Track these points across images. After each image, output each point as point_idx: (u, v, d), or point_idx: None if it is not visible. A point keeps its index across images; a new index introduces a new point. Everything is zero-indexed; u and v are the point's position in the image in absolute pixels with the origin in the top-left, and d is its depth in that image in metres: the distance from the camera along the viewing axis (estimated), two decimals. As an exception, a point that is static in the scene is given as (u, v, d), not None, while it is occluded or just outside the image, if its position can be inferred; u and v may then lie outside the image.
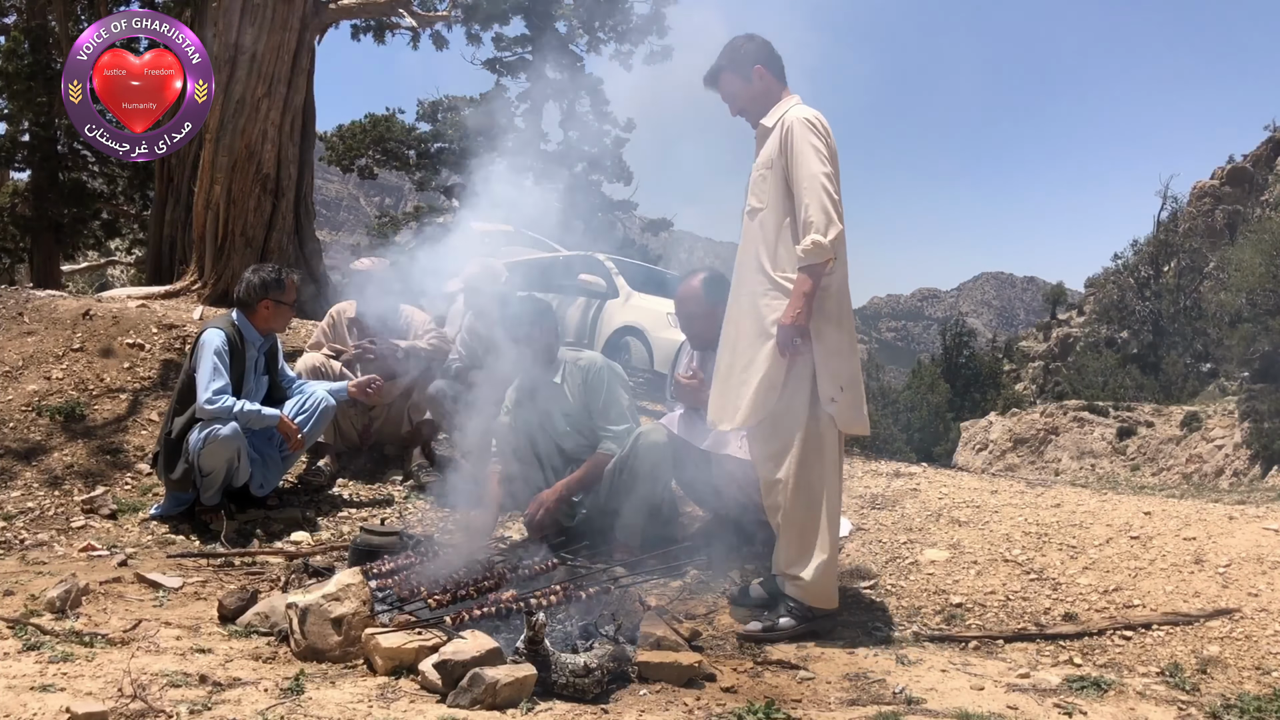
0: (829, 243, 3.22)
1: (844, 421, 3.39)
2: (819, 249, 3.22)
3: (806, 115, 3.39)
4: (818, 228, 3.23)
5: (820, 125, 3.37)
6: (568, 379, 4.39)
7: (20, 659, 2.76)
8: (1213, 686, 2.99)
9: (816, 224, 3.24)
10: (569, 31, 24.05)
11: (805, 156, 3.31)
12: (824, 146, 3.33)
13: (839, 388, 3.36)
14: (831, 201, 3.26)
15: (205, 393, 4.56)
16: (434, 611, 3.07)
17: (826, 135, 3.36)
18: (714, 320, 4.26)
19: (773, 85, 3.55)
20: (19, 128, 20.60)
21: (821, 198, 3.25)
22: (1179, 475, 21.24)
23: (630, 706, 2.64)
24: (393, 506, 5.22)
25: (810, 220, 3.25)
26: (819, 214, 3.24)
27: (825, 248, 3.22)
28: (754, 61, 3.53)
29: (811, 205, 3.26)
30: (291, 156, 9.85)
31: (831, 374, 3.36)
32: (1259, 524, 3.97)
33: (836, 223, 3.25)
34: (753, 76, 3.54)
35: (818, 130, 3.35)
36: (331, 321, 5.85)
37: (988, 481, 5.18)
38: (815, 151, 3.31)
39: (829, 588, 3.39)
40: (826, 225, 3.23)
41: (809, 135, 3.33)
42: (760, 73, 3.53)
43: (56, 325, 6.70)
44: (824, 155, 3.31)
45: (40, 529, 4.62)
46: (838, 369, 3.37)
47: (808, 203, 3.27)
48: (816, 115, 3.40)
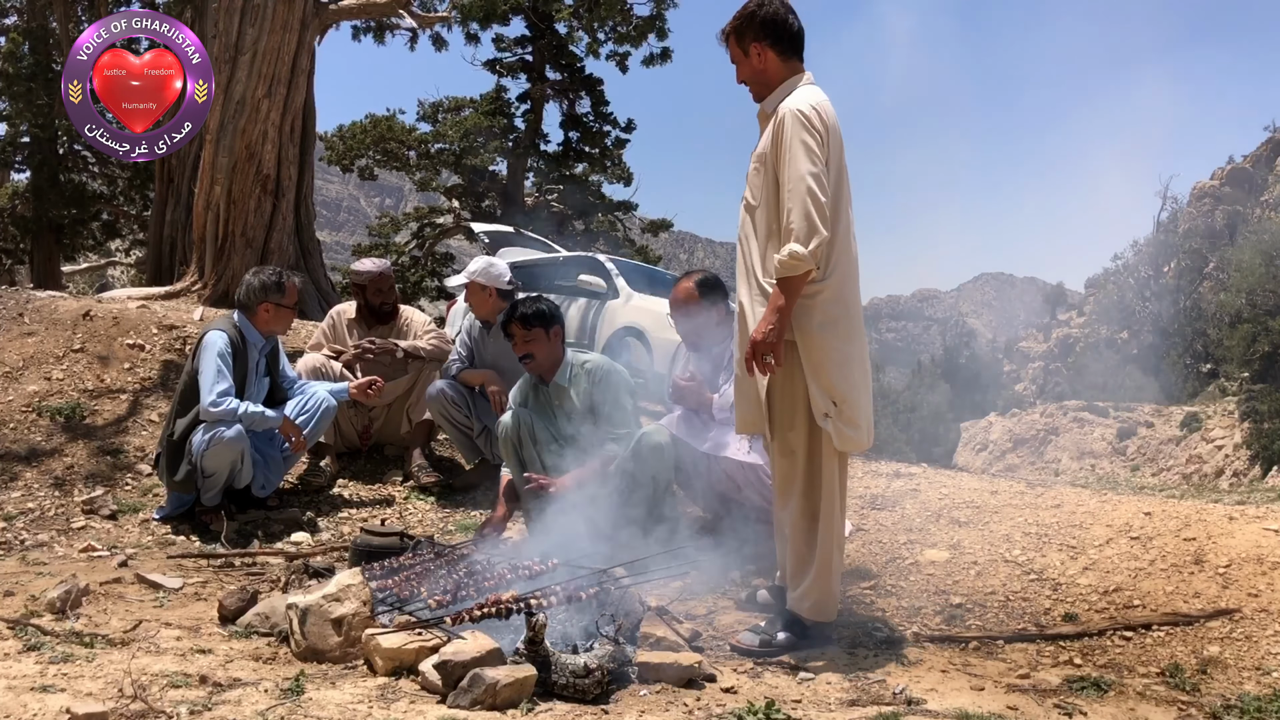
0: (809, 253, 2.96)
1: (840, 439, 3.14)
2: (795, 261, 2.97)
3: (801, 107, 3.09)
4: (798, 236, 2.97)
5: (817, 118, 3.08)
6: (574, 381, 4.40)
7: (21, 659, 2.76)
8: (1213, 687, 2.99)
9: (797, 232, 2.98)
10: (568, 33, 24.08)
11: (794, 155, 3.03)
12: (815, 144, 3.04)
13: (832, 403, 3.12)
14: (817, 206, 2.99)
15: (209, 395, 4.56)
16: (434, 612, 3.08)
17: (824, 129, 3.08)
18: (708, 322, 4.27)
19: (774, 66, 3.24)
20: (19, 129, 20.62)
21: (806, 202, 2.98)
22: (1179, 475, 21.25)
23: (630, 707, 2.64)
24: (393, 507, 5.22)
25: (790, 227, 2.99)
26: (800, 221, 2.98)
27: (804, 258, 2.96)
28: (757, 37, 3.22)
29: (794, 210, 3.00)
30: (292, 157, 9.87)
31: (822, 389, 3.12)
32: (1259, 524, 3.97)
33: (820, 230, 2.98)
34: (751, 53, 3.24)
35: (811, 125, 3.06)
36: (332, 322, 5.85)
37: (988, 482, 5.18)
38: (805, 149, 3.03)
39: (826, 602, 3.27)
40: (808, 234, 2.97)
41: (800, 130, 3.05)
42: (760, 50, 3.22)
43: (57, 326, 6.71)
44: (815, 154, 3.03)
45: (41, 530, 4.62)
46: (831, 383, 3.12)
47: (790, 207, 3.01)
48: (814, 105, 3.11)
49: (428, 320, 5.90)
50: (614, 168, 25.33)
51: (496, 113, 24.55)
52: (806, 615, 3.27)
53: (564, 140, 25.50)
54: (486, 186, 24.99)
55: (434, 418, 5.39)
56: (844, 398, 3.13)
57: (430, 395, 5.24)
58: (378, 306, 5.73)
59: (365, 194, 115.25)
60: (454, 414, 5.20)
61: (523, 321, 4.33)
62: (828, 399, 3.12)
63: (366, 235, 30.05)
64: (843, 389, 3.14)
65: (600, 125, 25.34)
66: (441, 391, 5.19)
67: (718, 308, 4.28)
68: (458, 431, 5.28)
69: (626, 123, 25.28)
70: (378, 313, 5.75)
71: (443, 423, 5.30)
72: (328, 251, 16.04)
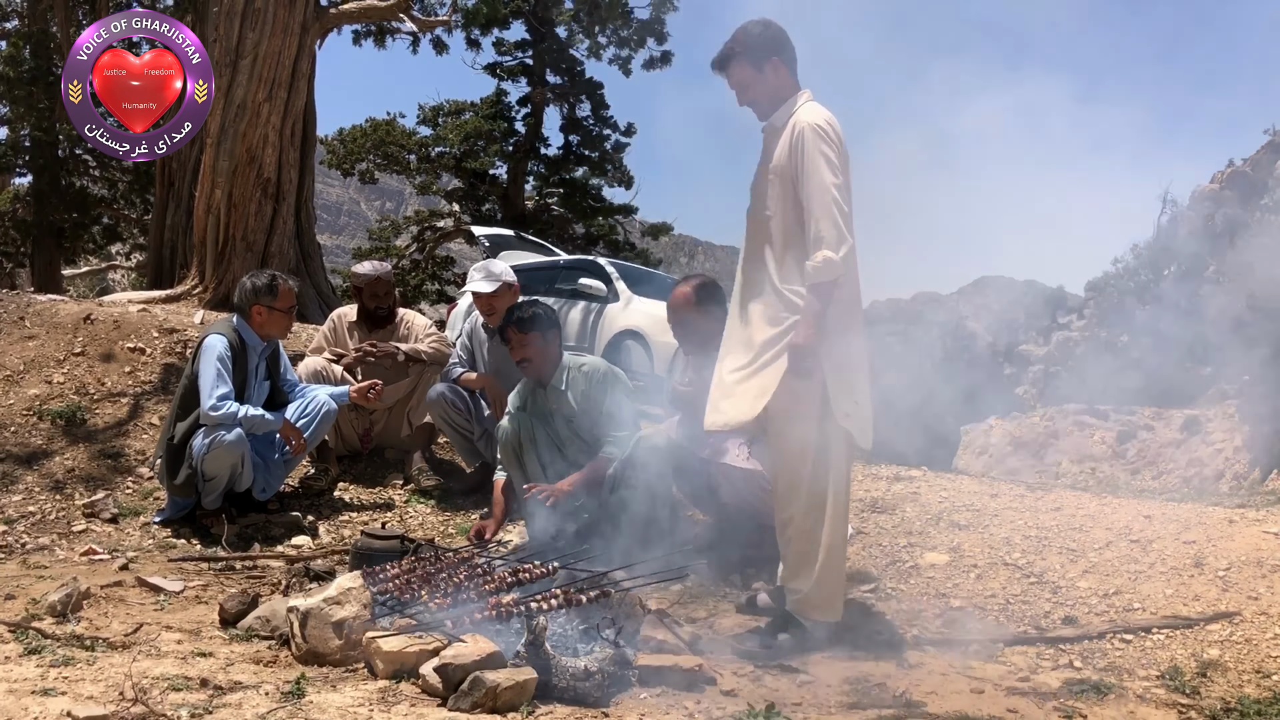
0: (840, 259, 3.08)
1: (861, 436, 3.27)
2: (829, 265, 3.09)
3: (818, 121, 3.21)
4: (829, 243, 3.09)
5: (833, 131, 3.21)
6: (571, 384, 4.40)
7: (21, 663, 2.76)
8: (1213, 689, 3.00)
9: (828, 239, 3.09)
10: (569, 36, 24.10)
11: (816, 166, 3.15)
12: (835, 155, 3.17)
13: (854, 401, 3.24)
14: (843, 215, 3.12)
15: (209, 399, 4.56)
16: (435, 615, 3.08)
17: (838, 142, 3.21)
18: (706, 326, 4.27)
19: (786, 80, 3.35)
20: (20, 133, 20.64)
21: (833, 211, 3.10)
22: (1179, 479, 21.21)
23: (631, 710, 2.64)
24: (393, 510, 5.22)
25: (821, 235, 3.10)
26: (830, 229, 3.10)
27: (836, 265, 3.08)
28: (770, 53, 3.32)
29: (823, 219, 3.11)
30: (292, 161, 9.88)
31: (846, 388, 3.23)
32: (1259, 528, 3.97)
33: (848, 238, 3.11)
34: (766, 69, 3.33)
35: (829, 138, 3.18)
36: (333, 326, 5.85)
37: (988, 485, 5.18)
38: (827, 161, 3.15)
39: (832, 599, 3.30)
40: (838, 241, 3.09)
41: (820, 143, 3.17)
42: (775, 65, 3.33)
43: (58, 329, 6.71)
44: (835, 165, 3.16)
45: (41, 533, 4.62)
46: (851, 383, 3.25)
47: (818, 216, 3.12)
48: (829, 119, 3.24)
49: (428, 323, 5.90)
50: (614, 171, 25.34)
51: (497, 116, 24.55)
52: (813, 616, 3.30)
53: (564, 144, 25.52)
54: (487, 190, 25.00)
55: (434, 421, 5.39)
56: (864, 394, 3.28)
57: (430, 399, 5.25)
58: (377, 309, 5.73)
59: (366, 197, 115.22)
60: (454, 417, 5.20)
61: (519, 326, 4.35)
62: (850, 398, 3.24)
63: (367, 239, 30.03)
64: (860, 387, 3.28)
65: (600, 129, 25.34)
66: (442, 395, 5.19)
67: (716, 313, 4.29)
68: (458, 435, 5.28)
69: (626, 126, 25.30)
70: (378, 316, 5.75)
71: (443, 426, 5.30)
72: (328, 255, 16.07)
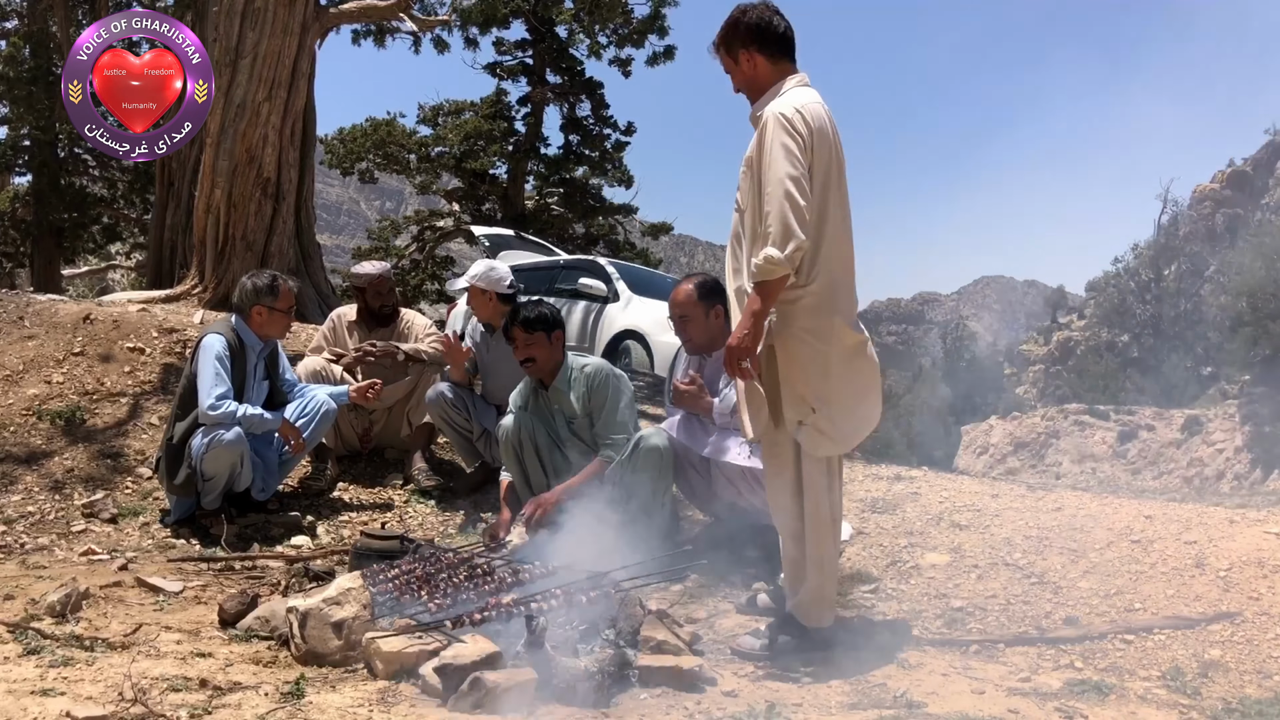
0: (785, 257, 2.90)
1: (810, 445, 3.09)
2: (770, 266, 2.91)
3: (783, 110, 3.02)
4: (774, 240, 2.91)
5: (799, 119, 3.00)
6: (573, 385, 4.40)
7: (21, 663, 2.76)
8: (1214, 690, 2.99)
9: (774, 236, 2.91)
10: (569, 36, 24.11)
11: (774, 158, 2.97)
12: (797, 146, 2.97)
13: (810, 409, 3.07)
14: (795, 211, 2.92)
15: (208, 398, 4.55)
16: (434, 615, 3.07)
17: (806, 131, 3.00)
18: (707, 325, 4.27)
19: (764, 70, 3.19)
20: (20, 132, 20.66)
21: (784, 206, 2.92)
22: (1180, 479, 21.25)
23: (631, 710, 2.63)
24: (393, 510, 5.21)
25: (768, 231, 2.94)
26: (778, 224, 2.91)
27: (779, 263, 2.90)
28: (743, 44, 3.18)
29: (772, 214, 2.94)
30: (292, 160, 9.87)
31: (795, 395, 3.08)
32: (1260, 528, 3.96)
33: (797, 235, 2.91)
34: (741, 60, 3.21)
35: (791, 128, 2.98)
36: (332, 325, 5.85)
37: (988, 485, 5.18)
38: (786, 153, 2.96)
39: (822, 607, 3.25)
40: (784, 238, 2.90)
41: (780, 134, 2.98)
42: (748, 57, 3.19)
43: (57, 329, 6.71)
44: (795, 157, 2.96)
45: (41, 533, 4.62)
46: (808, 390, 3.07)
47: (768, 211, 2.95)
48: (798, 107, 3.03)
49: (429, 323, 5.90)
50: (614, 171, 25.35)
51: (497, 116, 24.57)
52: (807, 621, 3.26)
53: (564, 143, 25.53)
54: (487, 190, 25.01)
55: (434, 421, 5.38)
56: (826, 402, 3.08)
57: (430, 398, 5.24)
58: (377, 309, 5.73)
59: (365, 197, 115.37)
60: (454, 417, 5.20)
61: (524, 325, 4.35)
62: (803, 405, 3.09)
63: (367, 239, 30.06)
64: (822, 394, 3.08)
65: (600, 128, 25.36)
66: (441, 395, 5.19)
67: (716, 310, 4.28)
68: (458, 435, 5.28)
69: (626, 126, 25.32)
70: (378, 315, 5.75)
71: (443, 426, 5.30)
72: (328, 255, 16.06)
